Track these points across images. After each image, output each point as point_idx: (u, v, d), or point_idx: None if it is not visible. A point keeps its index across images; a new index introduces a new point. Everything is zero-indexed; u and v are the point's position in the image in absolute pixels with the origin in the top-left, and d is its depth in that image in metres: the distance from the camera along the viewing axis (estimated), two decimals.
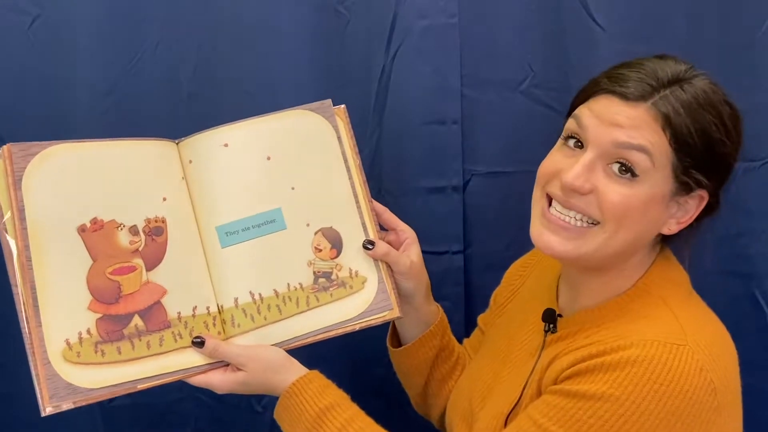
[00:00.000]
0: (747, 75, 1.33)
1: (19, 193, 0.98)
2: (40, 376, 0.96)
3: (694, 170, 0.93)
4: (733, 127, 0.95)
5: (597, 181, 0.94)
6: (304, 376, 1.03)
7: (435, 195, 1.40)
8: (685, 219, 0.96)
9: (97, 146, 1.05)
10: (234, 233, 1.08)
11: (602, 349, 0.90)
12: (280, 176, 1.10)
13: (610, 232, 0.94)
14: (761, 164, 1.35)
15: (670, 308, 0.94)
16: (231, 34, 1.37)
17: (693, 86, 0.94)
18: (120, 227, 1.03)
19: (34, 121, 1.35)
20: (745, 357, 1.37)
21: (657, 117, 0.92)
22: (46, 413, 0.96)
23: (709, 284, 1.37)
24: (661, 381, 0.85)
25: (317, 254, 1.11)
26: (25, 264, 0.97)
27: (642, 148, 0.92)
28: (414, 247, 1.16)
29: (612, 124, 0.93)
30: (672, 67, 0.95)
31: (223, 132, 1.10)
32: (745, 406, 1.38)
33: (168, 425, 1.43)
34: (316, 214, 1.11)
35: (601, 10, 1.34)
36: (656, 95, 0.93)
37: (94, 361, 0.98)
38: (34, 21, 1.34)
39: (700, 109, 0.93)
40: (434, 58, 1.37)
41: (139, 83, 1.36)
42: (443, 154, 1.39)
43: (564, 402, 0.89)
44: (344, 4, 1.37)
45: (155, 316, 1.02)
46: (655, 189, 0.93)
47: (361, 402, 1.16)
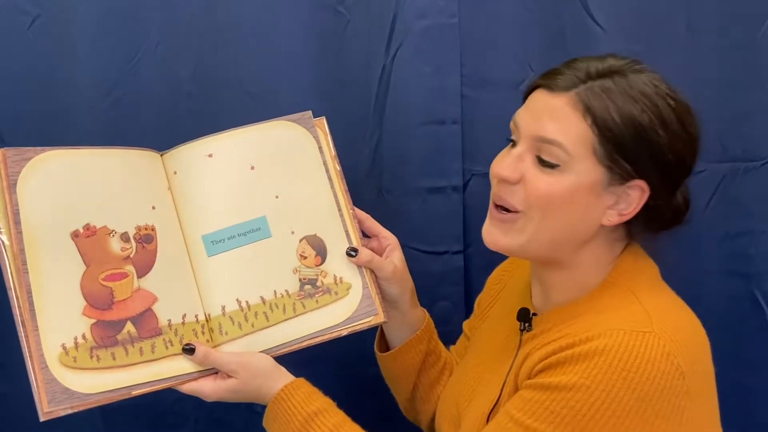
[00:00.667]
0: (747, 75, 1.33)
1: (14, 196, 0.98)
2: (38, 380, 0.96)
3: (620, 158, 0.93)
4: (676, 121, 0.95)
5: (526, 171, 0.96)
6: (292, 382, 1.04)
7: (435, 195, 1.40)
8: (628, 211, 0.97)
9: (89, 154, 1.06)
10: (220, 242, 1.09)
11: (571, 341, 0.91)
12: (264, 185, 1.12)
13: (536, 220, 0.96)
14: (761, 164, 1.35)
15: (637, 298, 0.96)
16: (231, 34, 1.37)
17: (626, 78, 0.95)
18: (112, 234, 1.03)
19: (34, 120, 1.35)
20: (745, 357, 1.38)
21: (577, 105, 0.93)
22: (45, 418, 0.95)
23: (709, 284, 1.38)
24: (629, 368, 0.87)
25: (302, 261, 1.12)
26: (21, 268, 0.97)
27: (552, 141, 0.94)
28: (397, 252, 1.17)
29: (535, 116, 0.96)
30: (607, 63, 0.96)
31: (207, 143, 1.12)
32: (745, 406, 1.38)
33: (168, 425, 1.43)
34: (300, 222, 1.13)
35: (601, 10, 1.34)
36: (582, 86, 0.94)
37: (89, 366, 0.98)
38: (34, 21, 1.34)
39: (627, 98, 0.93)
40: (434, 58, 1.37)
41: (139, 83, 1.36)
42: (443, 154, 1.39)
43: (538, 395, 0.91)
44: (344, 4, 1.37)
45: (147, 323, 1.03)
46: (582, 177, 0.94)
47: (355, 402, 1.16)
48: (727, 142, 1.35)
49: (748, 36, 1.33)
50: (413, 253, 1.40)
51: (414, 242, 1.40)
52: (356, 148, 1.40)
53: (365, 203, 1.37)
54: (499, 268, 1.26)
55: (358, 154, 1.40)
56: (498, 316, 1.17)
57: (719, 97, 1.34)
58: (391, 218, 1.39)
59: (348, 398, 1.24)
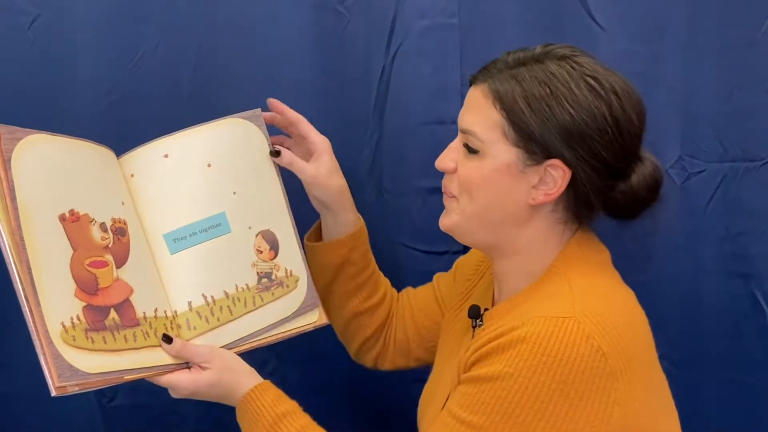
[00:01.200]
0: (747, 75, 1.33)
1: (9, 173, 0.98)
2: (47, 354, 0.95)
3: (527, 138, 0.98)
4: (591, 100, 0.97)
5: (459, 160, 1.04)
6: (260, 384, 1.07)
7: (435, 195, 1.39)
8: (552, 191, 0.99)
9: (66, 141, 1.07)
10: (182, 239, 1.12)
11: (500, 332, 0.94)
12: (221, 182, 1.15)
13: (464, 203, 1.03)
14: (761, 164, 1.35)
15: (569, 284, 0.98)
16: (231, 34, 1.37)
17: (541, 64, 0.99)
18: (93, 222, 1.05)
19: (34, 120, 1.34)
20: (745, 357, 1.38)
21: (488, 93, 1.00)
22: (57, 393, 0.94)
23: (709, 284, 1.38)
24: (548, 353, 0.89)
25: (259, 256, 1.16)
26: (19, 243, 0.96)
27: (467, 130, 1.02)
28: (325, 156, 1.20)
29: (462, 110, 1.05)
30: (529, 52, 1.01)
31: (162, 143, 1.15)
32: (745, 406, 1.39)
33: (168, 425, 1.43)
34: (255, 217, 1.16)
35: (601, 10, 1.34)
36: (497, 76, 1.00)
37: (86, 347, 0.99)
38: (34, 21, 1.34)
39: (534, 81, 0.98)
40: (434, 58, 1.37)
41: (139, 83, 1.36)
42: None
43: (470, 388, 0.94)
44: (344, 4, 1.37)
45: (127, 313, 1.04)
46: (497, 160, 1.00)
47: (360, 402, 1.16)
48: (727, 142, 1.35)
49: (748, 36, 1.33)
50: (413, 253, 1.41)
51: (414, 242, 1.40)
52: (356, 148, 1.40)
53: (365, 203, 1.37)
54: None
55: (358, 154, 1.40)
56: (461, 313, 1.18)
57: (719, 97, 1.34)
58: (391, 218, 1.40)
59: (349, 398, 1.25)
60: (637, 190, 1.01)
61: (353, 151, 1.40)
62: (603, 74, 0.99)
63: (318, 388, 1.41)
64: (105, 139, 1.36)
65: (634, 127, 1.00)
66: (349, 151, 1.40)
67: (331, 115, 1.39)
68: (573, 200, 1.01)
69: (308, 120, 1.34)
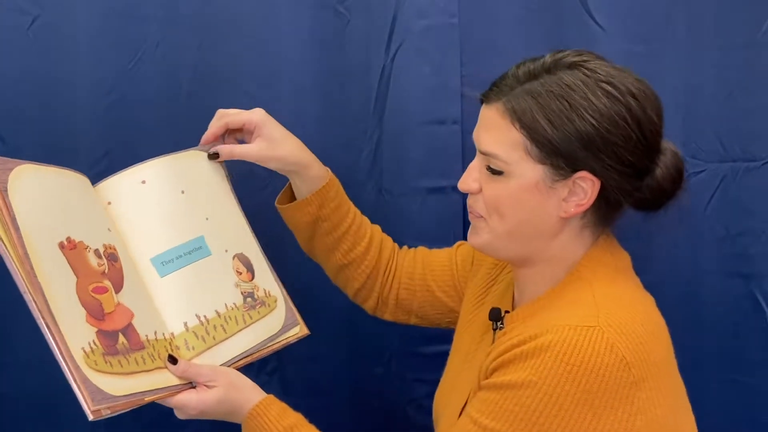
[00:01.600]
0: (747, 75, 1.33)
1: (8, 202, 0.97)
2: (78, 380, 0.94)
3: (552, 155, 0.96)
4: (608, 105, 0.95)
5: (482, 180, 1.02)
6: (265, 398, 1.06)
7: (435, 195, 1.40)
8: (583, 202, 0.98)
9: (53, 171, 1.06)
10: (169, 262, 1.12)
11: (522, 338, 0.94)
12: (195, 208, 1.16)
13: (493, 224, 1.01)
14: (761, 164, 1.35)
15: (592, 291, 0.98)
16: (231, 34, 1.37)
17: (554, 76, 0.97)
18: (88, 249, 1.04)
19: (34, 121, 1.35)
20: (745, 357, 1.38)
21: (505, 112, 0.97)
22: (93, 417, 0.94)
23: (709, 284, 1.38)
24: (573, 362, 0.89)
25: (239, 277, 1.16)
26: (30, 272, 0.95)
27: (488, 152, 0.99)
28: (263, 129, 1.17)
29: (477, 130, 1.02)
30: (539, 62, 0.99)
31: (138, 171, 1.14)
32: (746, 406, 1.39)
33: (168, 425, 1.43)
34: (229, 241, 1.17)
35: (601, 10, 1.34)
36: (510, 93, 0.98)
37: (107, 371, 0.98)
38: (34, 21, 1.34)
39: (550, 96, 0.96)
40: (434, 58, 1.37)
41: (139, 83, 1.36)
42: (443, 154, 1.39)
43: (492, 395, 0.94)
44: (344, 4, 1.37)
45: (133, 337, 1.03)
46: (524, 179, 0.97)
47: (361, 402, 1.16)
48: (727, 142, 1.35)
49: (748, 36, 1.33)
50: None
51: (414, 242, 1.40)
52: (356, 148, 1.40)
53: (365, 203, 1.37)
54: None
55: (358, 154, 1.40)
56: (480, 313, 1.17)
57: (719, 97, 1.34)
58: (391, 218, 1.40)
59: (353, 398, 1.25)
60: (662, 183, 1.00)
61: (353, 151, 1.40)
62: (617, 77, 0.97)
63: (318, 388, 1.41)
64: (105, 140, 1.37)
65: (655, 126, 0.98)
66: (349, 151, 1.40)
67: (331, 115, 1.39)
68: (603, 205, 1.00)
69: (308, 120, 1.35)
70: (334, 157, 1.39)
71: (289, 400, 1.08)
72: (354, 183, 1.40)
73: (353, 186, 1.33)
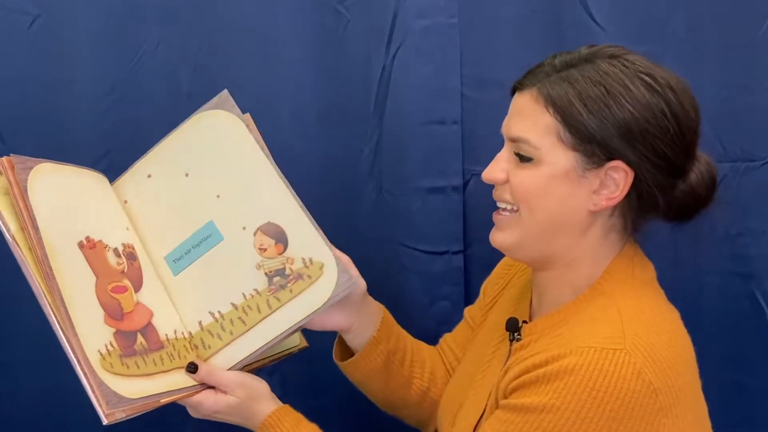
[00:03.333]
0: (747, 75, 1.33)
1: (28, 202, 0.96)
2: (93, 384, 0.93)
3: (585, 140, 0.94)
4: (648, 96, 0.94)
5: (509, 170, 0.99)
6: (280, 408, 1.05)
7: (435, 195, 1.40)
8: (615, 195, 0.96)
9: (71, 170, 1.06)
10: (180, 258, 1.09)
11: (543, 359, 0.90)
12: (202, 189, 1.09)
13: (525, 214, 0.98)
14: (761, 164, 1.35)
15: (618, 309, 0.94)
16: (231, 34, 1.37)
17: (592, 64, 0.96)
18: (107, 248, 1.03)
19: (34, 121, 1.35)
20: (745, 357, 1.38)
21: (539, 97, 0.96)
22: (108, 422, 0.93)
23: (709, 284, 1.38)
24: (598, 387, 0.86)
25: (263, 254, 1.07)
26: (49, 274, 0.95)
27: (518, 138, 0.97)
28: (352, 266, 1.12)
29: (509, 117, 1.00)
30: (576, 53, 0.98)
31: (143, 164, 1.12)
32: (746, 406, 1.39)
33: (168, 425, 1.43)
34: (249, 214, 1.07)
35: (601, 10, 1.34)
36: (546, 80, 0.96)
37: (123, 373, 0.97)
38: (34, 21, 1.34)
39: (588, 82, 0.94)
40: (434, 58, 1.37)
41: (139, 83, 1.36)
42: (443, 154, 1.39)
43: (512, 417, 0.90)
44: (344, 4, 1.37)
45: (152, 336, 1.03)
46: (555, 166, 0.95)
47: (361, 402, 1.16)
48: (727, 142, 1.35)
49: (748, 36, 1.33)
50: (413, 253, 1.41)
51: (414, 242, 1.40)
52: (356, 148, 1.40)
53: (365, 203, 1.37)
54: (505, 259, 1.23)
55: (358, 154, 1.40)
56: (498, 318, 1.15)
57: (719, 97, 1.34)
58: (391, 218, 1.40)
59: (353, 398, 1.25)
60: (697, 189, 0.99)
61: (353, 151, 1.40)
62: (657, 71, 0.96)
63: (318, 388, 1.41)
64: (105, 140, 1.37)
65: (692, 122, 0.97)
66: (349, 151, 1.40)
67: (331, 115, 1.39)
68: (634, 204, 0.97)
69: (308, 120, 1.35)
70: (334, 157, 1.40)
71: (289, 400, 1.08)
72: (354, 183, 1.40)
73: (353, 186, 1.33)
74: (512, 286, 1.17)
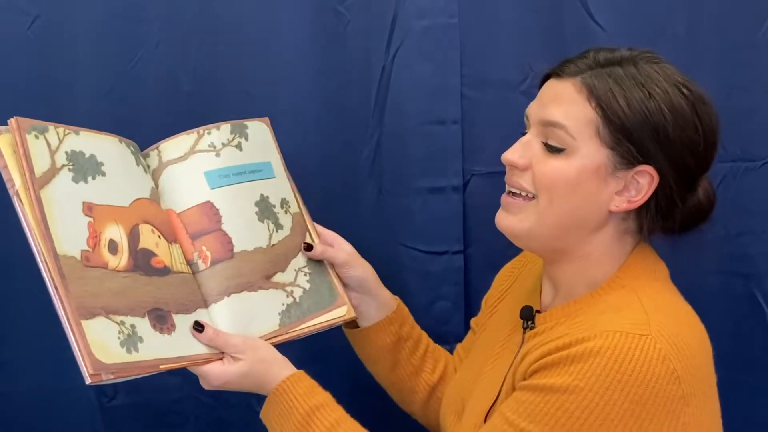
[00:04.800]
0: (747, 75, 1.33)
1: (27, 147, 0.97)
2: (77, 337, 0.91)
3: (624, 139, 0.94)
4: (686, 108, 0.96)
5: (533, 156, 0.98)
6: (294, 374, 1.04)
7: (435, 195, 1.40)
8: (637, 198, 0.96)
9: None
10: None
11: (567, 341, 0.90)
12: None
13: (543, 204, 0.97)
14: (761, 164, 1.35)
15: (639, 299, 0.95)
16: (231, 34, 1.37)
17: (635, 66, 0.96)
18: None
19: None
20: (745, 357, 1.38)
21: (582, 88, 0.95)
22: (91, 382, 0.91)
23: (709, 284, 1.38)
24: (623, 371, 0.86)
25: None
26: (46, 235, 0.94)
27: (555, 123, 0.95)
28: (340, 240, 1.22)
29: (542, 102, 0.98)
30: (618, 52, 0.98)
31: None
32: (746, 406, 1.38)
33: (168, 425, 1.43)
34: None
35: (601, 10, 1.34)
36: (589, 72, 0.96)
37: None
38: (34, 21, 1.34)
39: (632, 82, 0.95)
40: (434, 58, 1.37)
41: (139, 83, 1.36)
42: (443, 154, 1.39)
43: (532, 397, 0.90)
44: (344, 4, 1.37)
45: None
46: (586, 160, 0.95)
47: (360, 401, 1.16)
48: (727, 142, 1.33)
49: (748, 36, 1.33)
50: (413, 253, 1.41)
51: (414, 242, 1.40)
52: (356, 148, 1.40)
53: (365, 203, 1.37)
54: (506, 267, 1.26)
55: (358, 154, 1.40)
56: (505, 313, 1.16)
57: (719, 97, 1.33)
58: (391, 218, 1.40)
59: (350, 396, 1.25)
60: (703, 204, 1.00)
61: (353, 151, 1.40)
62: (693, 84, 0.98)
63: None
64: None
65: (715, 139, 0.99)
66: (349, 151, 1.40)
67: (331, 115, 1.39)
68: (651, 210, 0.98)
69: (308, 120, 1.35)
70: (334, 157, 1.40)
71: None
72: (354, 183, 1.40)
73: (353, 186, 1.33)
74: (522, 278, 1.18)
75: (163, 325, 1.01)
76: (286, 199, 1.20)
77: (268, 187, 1.18)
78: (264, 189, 1.18)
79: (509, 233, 1.02)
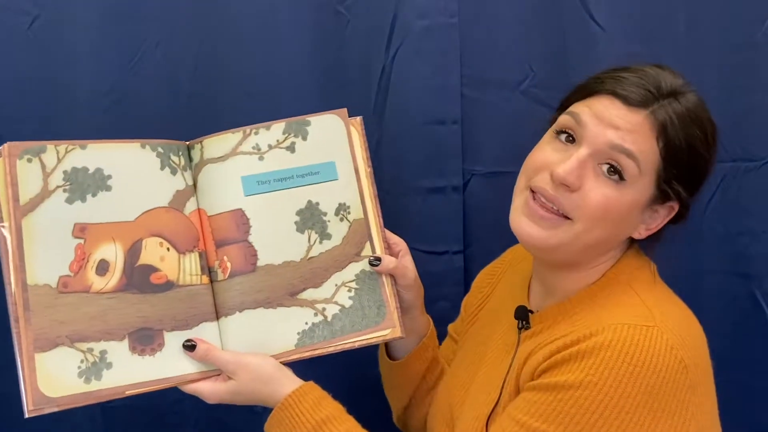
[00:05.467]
0: (747, 75, 1.34)
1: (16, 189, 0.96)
2: (26, 368, 0.94)
3: (676, 181, 0.96)
4: (714, 144, 0.98)
5: (586, 178, 0.94)
6: (300, 388, 1.00)
7: (435, 195, 1.40)
8: (653, 226, 0.99)
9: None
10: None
11: (575, 338, 0.91)
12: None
13: (582, 229, 0.95)
14: (761, 164, 1.35)
15: (637, 293, 0.96)
16: (231, 34, 1.37)
17: (687, 100, 0.96)
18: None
19: (34, 121, 1.35)
20: (745, 357, 1.38)
21: (654, 125, 0.94)
22: (30, 415, 0.94)
23: (709, 284, 1.38)
24: (635, 362, 0.86)
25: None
26: (18, 266, 0.95)
27: (632, 154, 0.93)
28: (409, 257, 1.14)
29: (610, 125, 0.94)
30: (670, 79, 0.97)
31: None
32: (746, 406, 1.39)
33: (168, 426, 1.43)
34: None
35: (601, 10, 1.34)
36: (656, 104, 0.94)
37: None
38: (34, 21, 1.34)
39: (691, 123, 0.95)
40: (434, 58, 1.37)
41: (139, 83, 1.36)
42: (443, 154, 1.39)
43: (544, 396, 0.90)
44: (344, 4, 1.37)
45: None
46: (639, 195, 0.95)
47: (359, 402, 1.16)
48: (727, 142, 1.34)
49: (748, 36, 1.33)
50: (413, 253, 1.40)
51: (414, 242, 1.39)
52: None
53: None
54: (485, 270, 1.26)
55: None
56: (489, 317, 1.16)
57: (719, 97, 1.34)
58: (391, 218, 1.39)
59: (350, 399, 1.25)
60: (683, 214, 1.02)
61: None
62: (710, 113, 0.99)
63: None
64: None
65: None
66: None
67: None
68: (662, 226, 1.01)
69: None
70: None
71: None
72: None
73: None
74: (505, 282, 1.18)
75: (146, 346, 1.00)
76: (345, 204, 1.11)
77: (322, 192, 1.09)
78: (314, 194, 1.09)
79: (532, 245, 0.99)
